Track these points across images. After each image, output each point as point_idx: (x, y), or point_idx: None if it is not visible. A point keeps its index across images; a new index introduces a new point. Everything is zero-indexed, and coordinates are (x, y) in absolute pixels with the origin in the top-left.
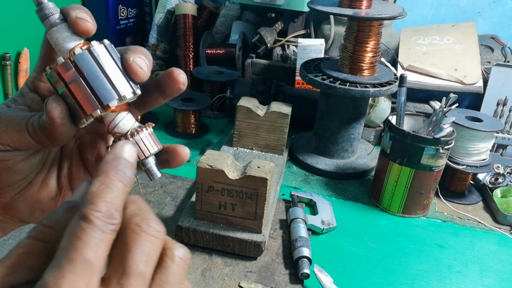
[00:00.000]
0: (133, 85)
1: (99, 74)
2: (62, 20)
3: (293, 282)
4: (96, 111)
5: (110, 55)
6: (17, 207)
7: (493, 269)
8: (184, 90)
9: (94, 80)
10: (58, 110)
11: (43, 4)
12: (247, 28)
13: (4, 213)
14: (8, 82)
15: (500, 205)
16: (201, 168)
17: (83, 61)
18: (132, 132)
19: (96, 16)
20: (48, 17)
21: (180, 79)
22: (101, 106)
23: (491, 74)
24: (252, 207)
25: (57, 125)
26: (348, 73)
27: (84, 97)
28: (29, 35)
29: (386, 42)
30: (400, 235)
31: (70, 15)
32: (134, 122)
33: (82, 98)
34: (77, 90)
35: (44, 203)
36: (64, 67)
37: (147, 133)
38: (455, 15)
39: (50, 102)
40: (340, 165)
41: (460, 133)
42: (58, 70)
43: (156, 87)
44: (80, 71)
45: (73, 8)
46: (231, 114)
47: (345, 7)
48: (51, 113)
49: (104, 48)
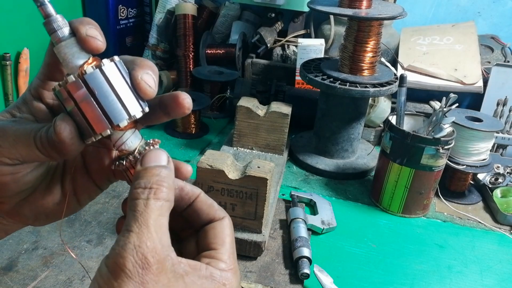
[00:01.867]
0: (141, 102)
1: (110, 94)
2: (71, 35)
3: (293, 282)
4: (106, 130)
5: (120, 73)
6: (22, 213)
7: (493, 269)
8: (188, 113)
9: (105, 100)
10: (68, 131)
11: (51, 17)
12: (247, 28)
13: (8, 218)
14: (8, 82)
15: (500, 205)
16: (201, 168)
17: (94, 81)
18: (140, 150)
19: (96, 16)
20: (56, 31)
21: (186, 104)
22: (111, 126)
23: (491, 74)
24: (252, 207)
25: (67, 145)
26: (348, 73)
27: (94, 117)
28: (29, 35)
29: (386, 42)
30: (400, 235)
31: (80, 32)
32: (141, 139)
33: (92, 117)
34: (88, 109)
35: (49, 208)
36: (75, 86)
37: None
38: (455, 15)
39: (59, 123)
40: (340, 165)
41: (460, 133)
42: (68, 89)
43: (161, 108)
44: (91, 90)
45: (83, 24)
46: (231, 114)
47: (345, 7)
48: (61, 134)
49: (115, 66)
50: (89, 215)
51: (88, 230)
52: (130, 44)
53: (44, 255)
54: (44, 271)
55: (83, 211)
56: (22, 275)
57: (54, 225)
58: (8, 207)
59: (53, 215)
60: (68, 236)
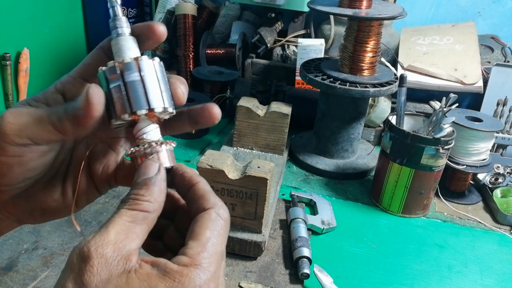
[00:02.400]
0: (167, 102)
1: (139, 84)
2: (130, 34)
3: (293, 282)
4: (124, 114)
5: (155, 71)
6: (18, 204)
7: (493, 269)
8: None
9: (132, 88)
10: (100, 95)
11: (118, 17)
12: (247, 28)
13: (3, 210)
14: (8, 82)
15: (500, 205)
16: (201, 168)
17: (129, 70)
18: (153, 145)
19: (96, 16)
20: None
21: (217, 115)
22: (130, 111)
23: (491, 74)
24: (252, 207)
25: (93, 110)
26: (348, 73)
27: (118, 100)
28: (29, 35)
29: (386, 42)
30: (400, 235)
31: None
32: (159, 137)
33: (117, 100)
34: (116, 92)
35: (46, 204)
36: (111, 71)
37: (167, 148)
38: (455, 15)
39: (93, 86)
40: (340, 165)
41: (460, 133)
42: (105, 72)
43: (190, 117)
44: (123, 77)
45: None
46: (231, 114)
47: (345, 7)
48: (93, 95)
49: (152, 64)
50: (89, 215)
51: (88, 230)
52: None
53: (44, 255)
54: (44, 271)
55: (83, 211)
56: (22, 275)
57: (54, 225)
58: (6, 197)
59: (49, 213)
60: (68, 236)
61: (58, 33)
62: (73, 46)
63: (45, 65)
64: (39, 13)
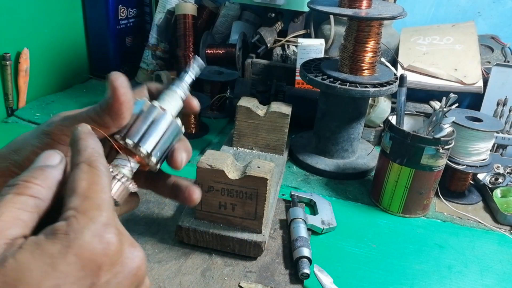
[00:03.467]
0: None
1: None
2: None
3: (293, 282)
4: (116, 135)
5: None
6: None
7: (493, 269)
8: None
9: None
10: (122, 79)
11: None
12: (247, 28)
13: None
14: (8, 82)
15: (500, 205)
16: (201, 168)
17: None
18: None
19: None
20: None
21: (196, 201)
22: (123, 135)
23: (491, 74)
24: (252, 207)
25: (121, 94)
26: (348, 73)
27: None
28: (29, 35)
29: (386, 42)
30: (400, 235)
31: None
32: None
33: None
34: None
35: None
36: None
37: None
38: (455, 15)
39: (114, 73)
40: (340, 165)
41: (460, 133)
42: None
43: (172, 186)
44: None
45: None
46: (231, 114)
47: (345, 7)
48: (116, 80)
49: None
50: None
51: None
52: (130, 44)
53: None
54: None
55: None
56: None
57: None
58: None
59: None
60: None
61: (58, 33)
62: (73, 46)
63: (45, 65)
64: (39, 13)
